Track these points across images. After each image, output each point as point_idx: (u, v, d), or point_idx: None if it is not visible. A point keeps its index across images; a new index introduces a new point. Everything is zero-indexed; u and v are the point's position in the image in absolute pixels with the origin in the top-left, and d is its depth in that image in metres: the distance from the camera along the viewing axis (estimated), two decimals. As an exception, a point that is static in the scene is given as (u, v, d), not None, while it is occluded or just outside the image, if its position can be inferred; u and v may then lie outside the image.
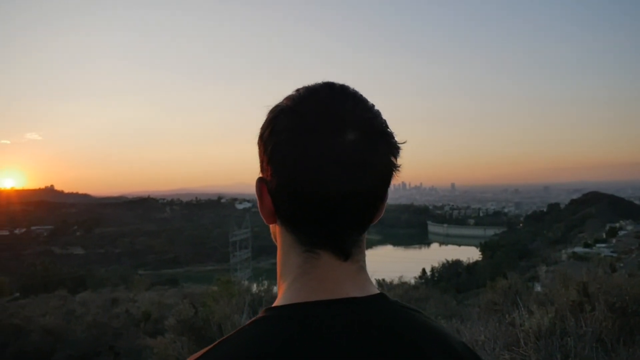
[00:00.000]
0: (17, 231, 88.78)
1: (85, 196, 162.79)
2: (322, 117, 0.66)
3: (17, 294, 30.20)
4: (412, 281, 17.89)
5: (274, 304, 0.69)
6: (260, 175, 0.72)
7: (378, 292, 0.72)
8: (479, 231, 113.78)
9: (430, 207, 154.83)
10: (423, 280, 40.59)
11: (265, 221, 0.75)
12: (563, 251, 46.14)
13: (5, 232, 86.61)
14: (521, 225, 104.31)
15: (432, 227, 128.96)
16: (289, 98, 0.71)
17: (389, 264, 49.56)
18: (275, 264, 0.77)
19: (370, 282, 0.73)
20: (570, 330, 3.71)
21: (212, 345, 0.65)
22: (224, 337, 0.66)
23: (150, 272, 66.28)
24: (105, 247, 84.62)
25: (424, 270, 48.92)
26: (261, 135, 0.71)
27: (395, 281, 14.25)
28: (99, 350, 9.87)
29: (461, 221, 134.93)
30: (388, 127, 0.71)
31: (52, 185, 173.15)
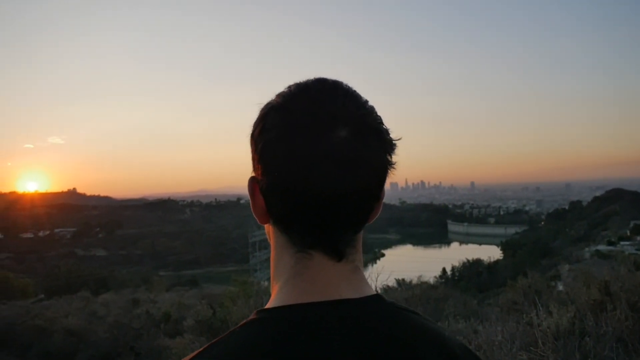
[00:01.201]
0: (41, 233, 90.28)
1: (107, 198, 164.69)
2: (312, 114, 0.65)
3: (42, 296, 30.72)
4: (432, 281, 17.73)
5: (267, 306, 0.68)
6: (253, 174, 0.70)
7: (374, 293, 0.70)
8: (499, 230, 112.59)
9: (450, 206, 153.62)
10: (443, 280, 40.26)
11: (258, 221, 0.73)
12: (586, 249, 45.44)
13: (30, 235, 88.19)
14: (543, 223, 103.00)
15: (452, 226, 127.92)
16: (279, 95, 0.69)
17: (409, 263, 49.33)
18: None
19: (366, 282, 0.71)
20: (590, 330, 3.65)
21: (202, 348, 0.64)
22: (215, 340, 0.65)
23: (171, 273, 66.89)
24: (127, 248, 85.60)
25: (444, 270, 48.53)
26: (252, 134, 0.69)
27: (415, 281, 14.15)
28: (119, 350, 9.99)
29: (481, 220, 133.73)
30: (382, 124, 0.69)
31: (74, 188, 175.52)
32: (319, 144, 0.63)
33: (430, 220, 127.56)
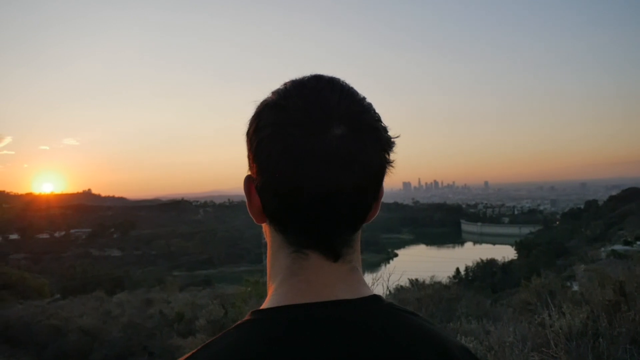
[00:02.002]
0: (57, 234, 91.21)
1: (121, 199, 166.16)
2: (307, 112, 0.63)
3: (58, 295, 31.05)
4: (446, 281, 17.62)
5: (262, 306, 0.67)
6: (248, 173, 0.70)
7: (371, 294, 0.69)
8: (513, 230, 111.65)
9: (464, 206, 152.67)
10: (457, 280, 40.01)
11: (255, 221, 0.72)
12: (602, 249, 44.84)
13: (46, 236, 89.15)
14: (557, 223, 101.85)
15: (466, 226, 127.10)
16: (275, 92, 0.68)
17: (422, 263, 49.13)
18: None
19: (364, 283, 0.70)
20: (603, 331, 3.59)
21: (196, 349, 0.63)
22: (209, 341, 0.64)
23: (185, 273, 67.23)
24: (141, 249, 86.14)
25: (457, 270, 48.24)
26: (247, 132, 0.69)
27: (428, 281, 14.09)
28: (133, 350, 10.07)
29: (495, 220, 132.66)
30: (380, 121, 0.68)
31: (89, 189, 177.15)
32: (314, 142, 0.61)
33: (443, 220, 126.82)
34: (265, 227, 0.72)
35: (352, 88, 0.69)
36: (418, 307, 7.71)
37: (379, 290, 7.82)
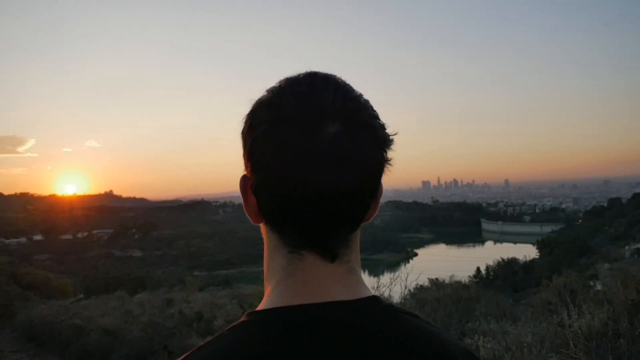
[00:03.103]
0: (79, 235, 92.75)
1: (142, 200, 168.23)
2: (301, 110, 0.62)
3: (81, 295, 31.54)
4: (466, 280, 17.48)
5: (258, 308, 0.66)
6: (244, 172, 0.68)
7: (369, 295, 0.67)
8: (535, 228, 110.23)
9: (484, 205, 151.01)
10: (477, 279, 39.66)
11: (251, 221, 0.71)
12: (626, 247, 44.04)
13: (69, 236, 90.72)
14: (580, 221, 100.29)
15: (486, 225, 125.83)
16: (269, 90, 0.67)
17: (442, 262, 48.83)
18: None
19: (363, 284, 0.69)
20: (624, 331, 3.52)
21: (190, 351, 0.63)
22: (203, 343, 0.64)
23: (205, 273, 67.76)
24: (162, 249, 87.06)
25: (478, 269, 47.82)
26: (242, 130, 0.67)
27: (447, 280, 14.00)
28: (154, 349, 10.16)
29: (516, 218, 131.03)
30: (377, 119, 0.66)
31: (111, 191, 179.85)
32: (308, 141, 0.60)
33: (463, 219, 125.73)
34: (262, 228, 0.72)
35: (347, 85, 0.67)
36: (437, 307, 7.65)
37: (397, 290, 7.79)
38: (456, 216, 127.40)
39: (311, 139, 0.60)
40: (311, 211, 0.62)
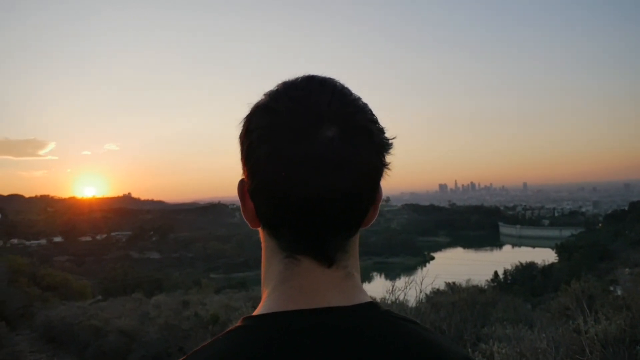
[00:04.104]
0: (98, 237, 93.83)
1: (160, 203, 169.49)
2: (297, 113, 0.62)
3: (100, 297, 31.92)
4: (483, 284, 17.33)
5: (254, 313, 0.66)
6: (242, 176, 0.68)
7: (367, 301, 0.67)
8: (554, 232, 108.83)
9: (502, 208, 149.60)
10: (495, 284, 39.30)
11: (249, 225, 0.71)
12: (648, 252, 43.31)
13: (88, 238, 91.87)
14: (600, 225, 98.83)
15: (504, 229, 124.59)
16: (266, 94, 0.67)
17: (459, 266, 48.43)
18: None
19: (360, 289, 0.68)
20: (642, 338, 3.46)
21: (185, 356, 0.63)
22: (198, 347, 0.64)
23: (222, 275, 68.11)
24: (179, 251, 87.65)
25: (496, 273, 47.40)
26: (240, 134, 0.67)
27: (464, 284, 13.90)
28: (170, 351, 10.24)
29: (535, 222, 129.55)
30: (375, 122, 0.65)
31: (129, 193, 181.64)
32: (303, 145, 0.60)
33: (481, 223, 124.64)
34: (260, 232, 0.71)
35: (345, 88, 0.66)
36: (452, 311, 7.59)
37: (412, 294, 7.74)
38: (473, 220, 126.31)
39: (307, 143, 0.60)
40: (307, 216, 0.61)
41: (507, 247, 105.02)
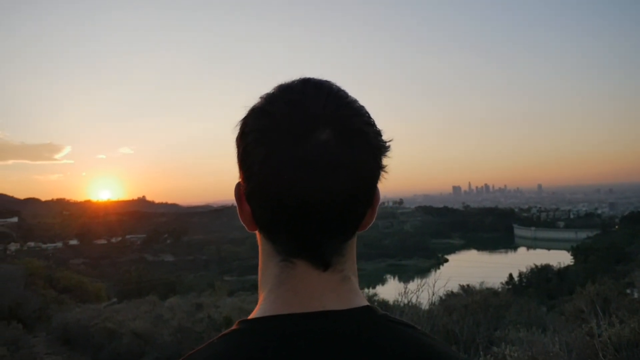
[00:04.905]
0: (113, 240, 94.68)
1: (174, 206, 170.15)
2: (292, 116, 0.61)
3: (115, 299, 32.18)
4: (497, 286, 17.25)
5: (250, 316, 0.66)
6: (239, 180, 0.68)
7: (363, 304, 0.66)
8: (569, 234, 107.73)
9: (516, 210, 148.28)
10: (510, 286, 39.01)
11: (247, 229, 0.71)
12: (665, 254, 42.68)
13: (104, 241, 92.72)
14: (617, 227, 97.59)
15: (519, 231, 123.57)
16: (262, 97, 0.66)
17: (473, 269, 48.14)
18: None
19: (357, 293, 0.67)
20: (656, 341, 3.41)
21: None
22: (193, 351, 0.64)
23: (235, 278, 68.24)
24: (194, 254, 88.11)
25: (510, 276, 47.03)
26: (236, 138, 0.67)
27: (478, 287, 13.83)
28: (183, 353, 10.24)
29: (550, 224, 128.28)
30: (370, 125, 0.65)
31: (144, 196, 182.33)
32: (298, 148, 0.59)
33: (495, 225, 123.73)
34: (257, 235, 0.71)
35: (342, 91, 0.66)
36: (464, 314, 7.55)
37: (424, 296, 7.72)
38: (488, 222, 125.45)
39: (301, 146, 0.59)
40: (302, 219, 0.61)
41: (521, 250, 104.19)
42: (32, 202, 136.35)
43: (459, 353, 0.70)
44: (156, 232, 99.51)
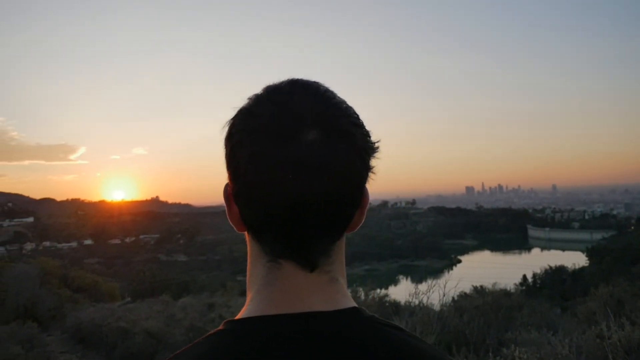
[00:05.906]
0: (127, 240, 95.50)
1: (187, 206, 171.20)
2: (277, 118, 0.61)
3: (128, 299, 32.40)
4: (511, 288, 17.11)
5: (237, 316, 0.66)
6: (227, 180, 0.68)
7: (351, 306, 0.66)
8: (584, 235, 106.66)
9: (530, 211, 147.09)
10: (524, 287, 38.73)
11: (235, 229, 0.71)
12: (682, 256, 42.07)
13: (118, 241, 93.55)
14: (632, 228, 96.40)
15: (533, 232, 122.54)
16: (249, 98, 0.66)
17: (487, 269, 47.87)
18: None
19: (344, 295, 0.67)
20: (667, 344, 3.38)
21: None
22: (178, 351, 0.64)
23: (248, 278, 68.56)
24: (206, 254, 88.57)
25: (524, 277, 46.69)
26: (224, 138, 0.67)
27: (490, 287, 13.74)
28: (195, 353, 10.37)
29: (564, 225, 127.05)
30: (358, 126, 0.64)
31: (157, 197, 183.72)
32: (283, 148, 0.59)
33: (508, 225, 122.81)
34: (246, 236, 0.72)
35: (329, 91, 0.66)
36: (475, 315, 7.51)
37: (435, 297, 7.69)
38: (501, 222, 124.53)
39: (287, 147, 0.59)
40: (288, 220, 0.61)
41: (536, 250, 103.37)
42: (47, 202, 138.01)
43: (447, 355, 0.69)
44: (169, 232, 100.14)
